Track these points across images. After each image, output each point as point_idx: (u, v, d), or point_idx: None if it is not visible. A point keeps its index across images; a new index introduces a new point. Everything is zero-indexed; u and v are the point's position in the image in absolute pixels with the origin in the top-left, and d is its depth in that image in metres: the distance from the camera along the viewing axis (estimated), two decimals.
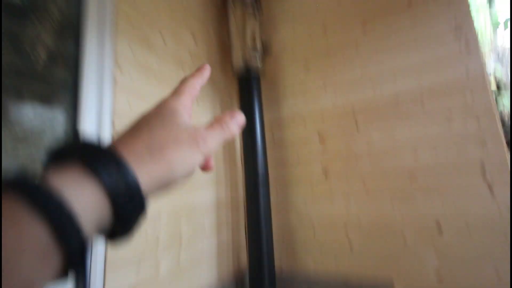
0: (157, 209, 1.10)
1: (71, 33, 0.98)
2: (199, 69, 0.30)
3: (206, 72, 0.31)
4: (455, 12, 1.24)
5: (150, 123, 0.23)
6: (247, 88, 1.55)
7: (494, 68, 3.06)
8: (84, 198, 0.16)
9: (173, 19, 1.36)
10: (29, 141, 0.83)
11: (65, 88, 0.94)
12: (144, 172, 0.19)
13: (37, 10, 0.90)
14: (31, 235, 0.14)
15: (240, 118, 0.28)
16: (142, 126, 0.22)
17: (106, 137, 0.95)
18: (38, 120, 0.86)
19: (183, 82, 0.28)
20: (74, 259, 0.15)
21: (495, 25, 3.89)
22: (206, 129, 0.25)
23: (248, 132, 1.49)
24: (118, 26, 1.05)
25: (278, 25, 1.71)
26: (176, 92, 0.27)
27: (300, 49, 1.62)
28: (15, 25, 0.83)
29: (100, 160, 0.17)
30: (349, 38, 1.47)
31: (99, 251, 0.88)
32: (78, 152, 0.18)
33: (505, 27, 3.74)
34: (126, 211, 0.18)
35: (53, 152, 0.18)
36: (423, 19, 1.29)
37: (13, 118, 0.80)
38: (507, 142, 1.10)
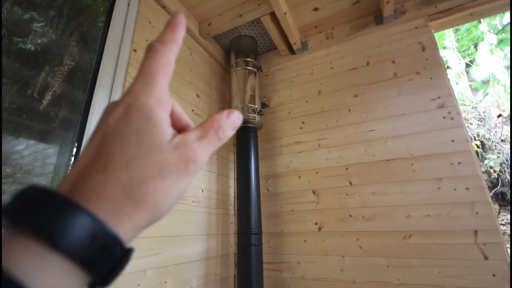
0: (143, 264, 1.04)
1: (80, 80, 1.05)
2: (169, 25, 0.21)
3: (180, 28, 0.21)
4: (437, 84, 1.36)
5: (123, 144, 0.17)
6: (244, 140, 1.60)
7: (477, 127, 3.26)
8: (41, 275, 0.14)
9: (180, 81, 1.46)
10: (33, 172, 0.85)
11: (70, 130, 1.00)
12: (125, 222, 0.16)
13: (50, 56, 0.97)
14: None
15: (237, 119, 0.22)
16: (112, 150, 0.17)
17: None
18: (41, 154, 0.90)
19: (151, 55, 0.20)
20: None
21: (475, 87, 4.24)
22: (198, 139, 0.19)
23: (243, 183, 1.50)
24: (127, 84, 1.12)
25: (277, 86, 1.84)
26: (145, 75, 0.19)
27: (296, 108, 1.72)
28: (27, 69, 0.89)
29: (57, 223, 0.14)
30: (341, 101, 1.58)
31: None
32: (30, 212, 0.14)
33: (484, 93, 4.07)
34: (105, 268, 0.15)
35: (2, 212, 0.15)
36: (409, 88, 1.42)
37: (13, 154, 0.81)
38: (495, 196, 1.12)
